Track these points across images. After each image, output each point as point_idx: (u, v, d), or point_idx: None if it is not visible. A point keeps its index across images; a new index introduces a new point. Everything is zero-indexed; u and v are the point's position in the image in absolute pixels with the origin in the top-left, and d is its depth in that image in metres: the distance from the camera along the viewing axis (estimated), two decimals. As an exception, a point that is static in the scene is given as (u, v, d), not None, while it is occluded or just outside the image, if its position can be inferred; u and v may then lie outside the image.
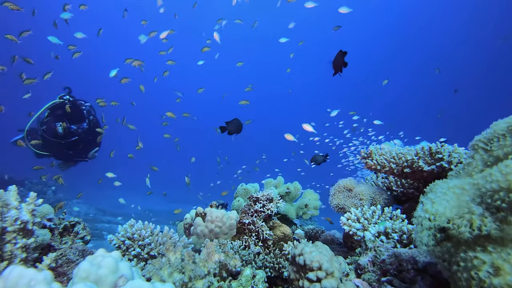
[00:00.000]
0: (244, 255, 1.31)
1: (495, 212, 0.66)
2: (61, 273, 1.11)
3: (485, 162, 0.83)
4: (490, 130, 0.84)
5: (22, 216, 1.00)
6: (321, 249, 1.01)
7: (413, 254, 1.01)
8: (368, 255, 1.13)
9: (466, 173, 0.87)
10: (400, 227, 1.18)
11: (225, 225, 1.45)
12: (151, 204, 9.91)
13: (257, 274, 1.17)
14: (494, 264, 0.65)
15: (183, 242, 1.31)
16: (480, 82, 20.34)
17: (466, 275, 0.69)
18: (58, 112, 3.81)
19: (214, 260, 1.04)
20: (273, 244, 1.46)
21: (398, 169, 1.50)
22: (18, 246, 0.98)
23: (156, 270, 0.98)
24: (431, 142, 1.44)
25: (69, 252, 1.16)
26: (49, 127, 3.74)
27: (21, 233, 1.00)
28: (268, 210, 1.50)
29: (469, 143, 0.89)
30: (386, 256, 1.05)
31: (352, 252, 1.39)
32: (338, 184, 1.66)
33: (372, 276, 1.07)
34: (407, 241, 1.15)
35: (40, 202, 1.09)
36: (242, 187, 2.08)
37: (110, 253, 0.91)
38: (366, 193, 1.53)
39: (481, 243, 0.69)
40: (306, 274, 0.96)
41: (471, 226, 0.67)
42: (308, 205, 1.96)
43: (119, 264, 0.87)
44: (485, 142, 0.84)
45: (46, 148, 3.86)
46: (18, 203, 1.02)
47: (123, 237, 1.28)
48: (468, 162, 0.88)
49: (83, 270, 0.80)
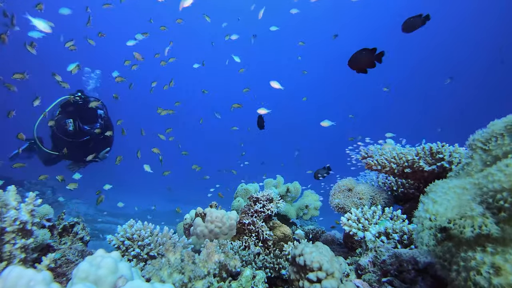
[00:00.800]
0: (244, 255, 1.30)
1: (496, 212, 0.66)
2: (60, 273, 1.11)
3: (484, 161, 0.83)
4: (487, 130, 0.83)
5: (21, 217, 1.00)
6: (322, 249, 1.01)
7: (413, 254, 1.00)
8: (368, 255, 1.13)
9: (466, 173, 0.87)
10: (401, 228, 1.18)
11: (225, 225, 1.44)
12: (151, 204, 9.90)
13: (257, 275, 1.17)
14: (495, 264, 0.65)
15: (182, 243, 1.31)
16: (478, 82, 20.33)
17: (465, 274, 0.69)
18: (70, 109, 3.65)
19: (214, 260, 1.04)
20: (273, 245, 1.46)
21: (399, 169, 1.50)
22: (17, 246, 0.98)
23: (156, 271, 0.98)
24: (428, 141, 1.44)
25: (69, 253, 1.15)
26: (60, 125, 3.60)
27: (20, 233, 1.00)
28: (268, 210, 1.49)
29: (465, 143, 0.88)
30: (387, 256, 1.05)
31: (353, 252, 1.39)
32: (338, 184, 1.65)
33: (372, 276, 1.06)
34: (407, 242, 1.15)
35: (39, 202, 1.09)
36: (242, 187, 2.07)
37: (110, 253, 0.91)
38: (366, 193, 1.53)
39: (482, 243, 0.69)
40: (306, 274, 0.96)
41: (472, 226, 0.67)
42: (309, 205, 1.96)
43: (118, 264, 0.86)
44: (483, 142, 0.84)
45: (56, 148, 3.73)
46: (17, 203, 1.02)
47: (122, 237, 1.28)
48: (467, 162, 0.87)
49: (82, 270, 0.80)
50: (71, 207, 6.84)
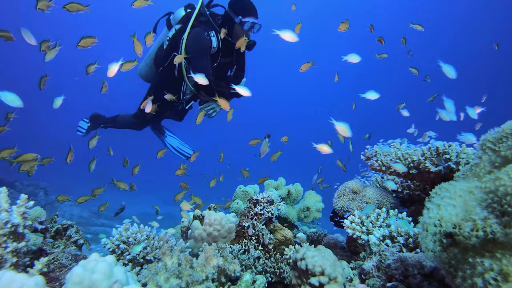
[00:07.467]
0: (243, 259, 1.28)
1: (501, 217, 0.64)
2: (53, 278, 1.08)
3: (492, 162, 0.81)
4: (498, 130, 0.82)
5: (12, 219, 0.98)
6: (324, 253, 0.98)
7: (419, 258, 0.98)
8: (372, 259, 1.10)
9: (473, 174, 0.85)
10: (406, 231, 1.16)
11: (224, 228, 1.41)
12: (148, 207, 9.83)
13: (257, 279, 1.15)
14: (502, 271, 0.64)
15: (180, 246, 1.28)
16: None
17: (471, 282, 0.68)
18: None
19: (213, 264, 1.02)
20: (274, 248, 1.43)
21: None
22: (8, 250, 0.95)
23: (152, 275, 0.96)
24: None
25: (62, 257, 1.12)
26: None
27: (12, 236, 0.98)
28: (268, 212, 1.46)
29: (476, 143, 0.87)
30: (392, 260, 1.03)
31: (356, 256, 1.36)
32: (343, 186, 1.62)
33: (377, 281, 1.04)
34: (413, 245, 1.12)
35: (32, 205, 1.06)
36: (241, 189, 2.04)
37: (104, 257, 0.89)
38: (373, 197, 1.50)
39: (489, 249, 0.67)
40: (308, 279, 0.94)
41: (477, 231, 0.65)
42: (310, 207, 1.93)
43: (113, 269, 0.84)
44: (493, 142, 0.82)
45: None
46: (8, 205, 0.99)
47: (117, 240, 1.25)
48: (476, 163, 0.86)
49: (76, 275, 0.78)
50: (64, 210, 6.75)
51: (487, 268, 0.65)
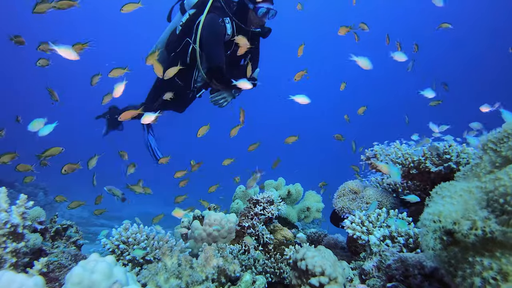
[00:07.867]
0: (243, 259, 1.28)
1: (500, 216, 0.65)
2: (53, 278, 1.08)
3: (493, 163, 0.81)
4: (500, 130, 0.82)
5: (12, 219, 0.98)
6: (324, 253, 0.98)
7: (420, 258, 0.98)
8: (373, 260, 1.10)
9: (474, 174, 0.85)
10: (406, 231, 1.15)
11: (224, 228, 1.41)
12: (146, 208, 9.81)
13: (257, 280, 1.15)
14: (502, 270, 0.64)
15: (180, 247, 1.28)
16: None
17: (470, 281, 0.68)
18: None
19: (213, 265, 1.01)
20: (274, 249, 1.43)
21: (405, 170, 1.48)
22: (7, 250, 0.95)
23: (152, 276, 0.95)
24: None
25: (61, 257, 1.12)
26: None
27: (11, 237, 0.98)
28: (268, 213, 1.46)
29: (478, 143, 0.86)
30: (392, 261, 1.02)
31: (356, 256, 1.36)
32: (343, 187, 1.62)
33: (377, 281, 1.04)
34: (413, 245, 1.12)
35: (31, 205, 1.06)
36: (241, 189, 2.04)
37: (104, 257, 0.88)
38: (373, 197, 1.50)
39: (489, 248, 0.67)
40: (308, 279, 0.94)
41: (476, 230, 0.65)
42: (310, 207, 1.93)
43: (113, 269, 0.84)
44: (494, 142, 0.82)
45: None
46: (7, 205, 0.99)
47: (117, 241, 1.25)
48: (476, 163, 0.86)
49: (75, 275, 0.78)
50: (64, 210, 6.74)
51: (486, 267, 0.65)
